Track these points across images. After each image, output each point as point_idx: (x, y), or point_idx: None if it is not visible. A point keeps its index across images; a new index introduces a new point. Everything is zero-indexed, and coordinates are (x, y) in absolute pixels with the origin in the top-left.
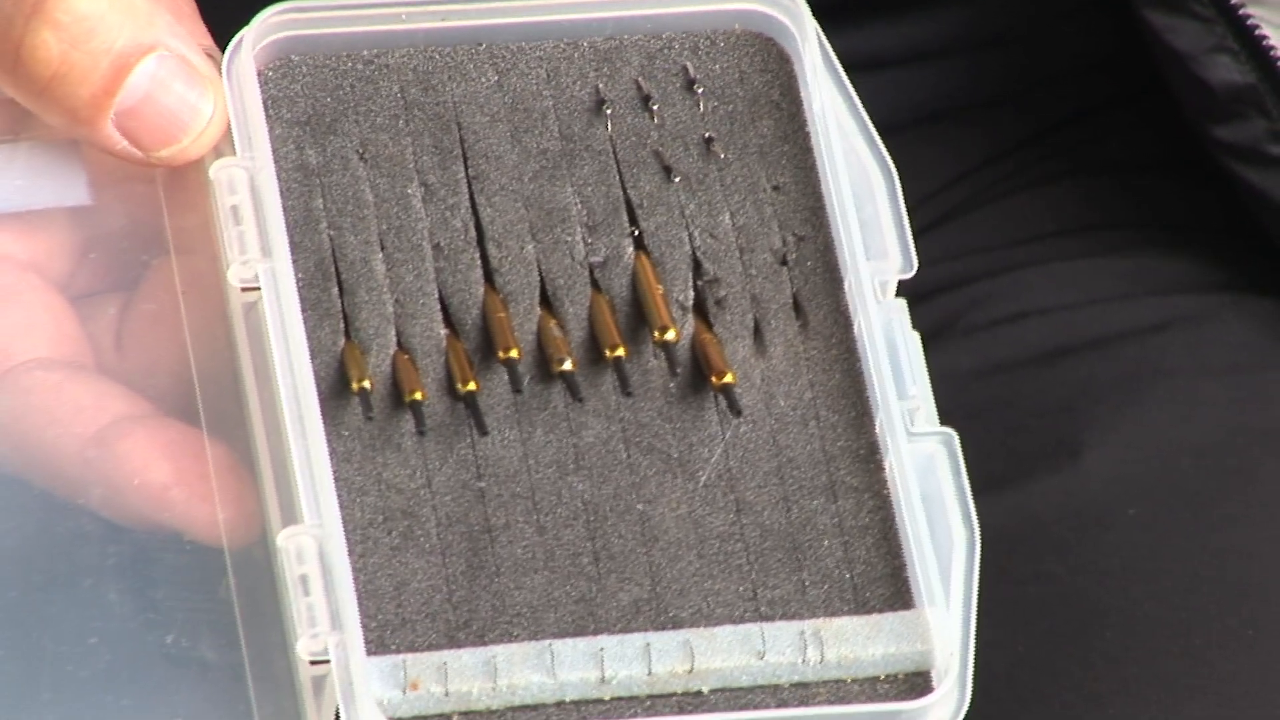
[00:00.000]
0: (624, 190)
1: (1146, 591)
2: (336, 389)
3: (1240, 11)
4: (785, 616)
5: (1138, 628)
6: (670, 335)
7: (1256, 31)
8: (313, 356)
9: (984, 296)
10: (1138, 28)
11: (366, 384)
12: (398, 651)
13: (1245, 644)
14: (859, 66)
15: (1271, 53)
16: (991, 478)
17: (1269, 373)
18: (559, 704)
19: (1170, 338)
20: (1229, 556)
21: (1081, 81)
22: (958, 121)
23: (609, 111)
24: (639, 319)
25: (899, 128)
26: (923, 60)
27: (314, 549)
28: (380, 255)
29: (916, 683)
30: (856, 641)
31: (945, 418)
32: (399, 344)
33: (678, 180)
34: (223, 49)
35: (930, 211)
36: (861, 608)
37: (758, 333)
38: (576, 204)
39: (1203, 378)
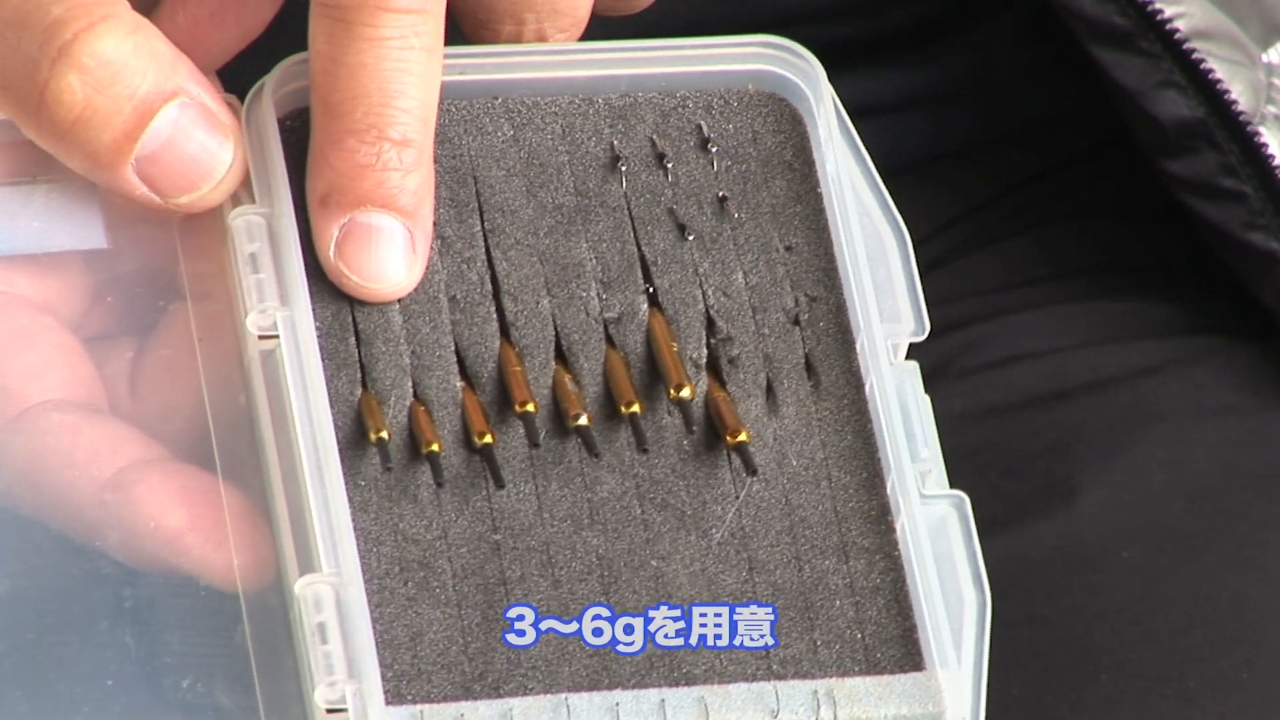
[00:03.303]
0: (638, 247)
1: (1140, 634)
2: (354, 439)
3: (1185, 46)
4: (797, 675)
5: (1131, 670)
6: (686, 393)
7: (1202, 65)
8: (330, 405)
9: (976, 340)
10: None
11: (384, 434)
12: (415, 702)
13: (1239, 687)
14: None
15: (1218, 86)
16: (984, 521)
17: (1261, 415)
18: None
19: (1163, 381)
20: (1223, 599)
21: (1079, 123)
22: (953, 164)
23: (623, 168)
24: (653, 375)
25: (893, 173)
26: (919, 105)
27: (331, 597)
28: (396, 307)
29: None
30: (869, 701)
31: None
32: (415, 395)
33: (691, 238)
34: (242, 97)
35: (923, 255)
36: (873, 668)
37: (770, 392)
38: (591, 260)
39: (1195, 421)
